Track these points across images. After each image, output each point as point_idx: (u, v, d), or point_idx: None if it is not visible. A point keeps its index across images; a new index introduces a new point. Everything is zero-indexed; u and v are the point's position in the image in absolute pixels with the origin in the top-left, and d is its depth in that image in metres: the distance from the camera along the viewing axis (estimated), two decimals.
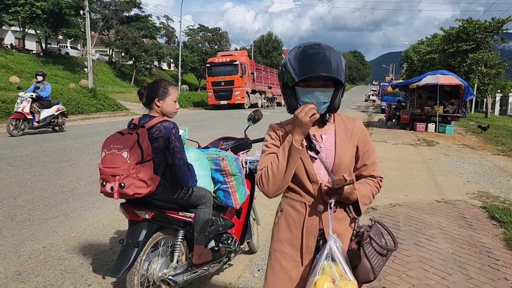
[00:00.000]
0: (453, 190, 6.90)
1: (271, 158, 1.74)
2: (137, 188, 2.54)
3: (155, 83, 2.88)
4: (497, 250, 4.23)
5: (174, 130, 2.71)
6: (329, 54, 1.67)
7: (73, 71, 39.56)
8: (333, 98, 1.73)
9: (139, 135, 2.58)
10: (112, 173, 2.51)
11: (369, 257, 1.77)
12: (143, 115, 2.85)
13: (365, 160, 1.85)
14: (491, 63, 26.28)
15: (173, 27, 60.65)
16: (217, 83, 29.83)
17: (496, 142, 13.99)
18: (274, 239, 1.86)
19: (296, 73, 1.65)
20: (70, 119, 17.48)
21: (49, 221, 4.75)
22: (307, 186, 1.75)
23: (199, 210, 2.99)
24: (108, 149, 2.58)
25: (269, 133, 1.83)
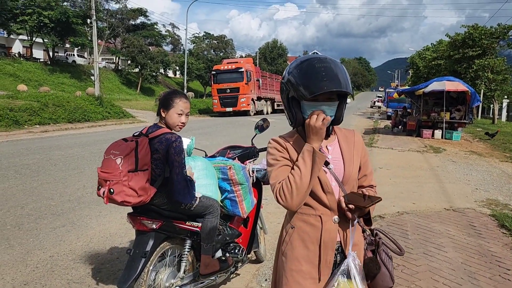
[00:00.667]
0: (462, 197, 6.83)
1: (286, 170, 1.72)
2: (126, 196, 2.52)
3: (166, 93, 2.89)
4: (508, 259, 4.17)
5: (175, 143, 2.64)
6: (336, 68, 1.67)
7: (80, 79, 39.86)
8: (337, 110, 1.74)
9: (138, 144, 2.58)
10: (104, 177, 2.51)
11: (386, 264, 1.83)
12: (153, 124, 2.85)
13: (365, 170, 1.87)
14: (498, 69, 26.16)
15: (178, 34, 61.04)
16: (222, 90, 29.93)
17: (504, 149, 13.87)
18: (288, 258, 1.78)
19: (306, 89, 1.64)
20: (76, 127, 17.61)
21: (56, 230, 4.76)
22: (321, 197, 1.73)
23: (206, 220, 2.97)
24: (107, 154, 2.59)
25: (274, 147, 1.79)
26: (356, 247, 1.77)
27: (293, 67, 1.73)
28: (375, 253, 1.88)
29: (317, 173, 1.66)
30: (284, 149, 1.77)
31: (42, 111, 17.44)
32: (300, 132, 1.81)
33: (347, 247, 1.73)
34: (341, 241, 1.77)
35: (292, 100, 1.72)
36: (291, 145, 1.77)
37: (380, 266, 1.81)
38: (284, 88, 1.75)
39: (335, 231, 1.74)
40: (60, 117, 18.08)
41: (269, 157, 1.80)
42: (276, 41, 73.63)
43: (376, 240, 1.92)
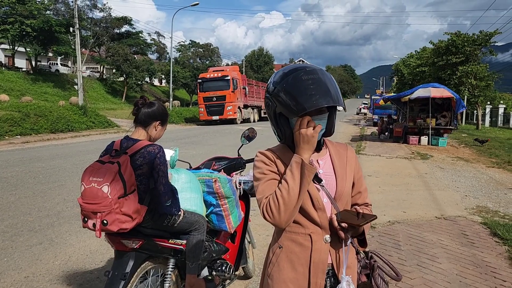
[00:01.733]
0: (452, 205, 6.75)
1: (273, 185, 1.59)
2: (121, 224, 2.32)
3: (161, 105, 2.70)
4: (503, 270, 4.06)
5: (159, 154, 2.49)
6: (325, 79, 1.54)
7: (64, 88, 39.29)
8: (328, 122, 1.62)
9: (120, 165, 2.34)
10: (93, 209, 2.28)
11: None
12: (125, 137, 2.63)
13: (359, 187, 1.75)
14: (481, 75, 26.55)
15: (164, 43, 60.56)
16: (209, 98, 29.76)
17: (490, 154, 13.95)
18: (275, 281, 1.64)
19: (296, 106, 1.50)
20: (59, 137, 17.24)
21: (32, 247, 4.50)
22: (311, 214, 1.58)
23: (192, 236, 2.79)
24: (87, 182, 2.33)
25: (261, 160, 1.66)
26: (349, 270, 1.63)
27: (279, 80, 1.59)
28: (369, 278, 1.76)
29: (307, 187, 1.52)
30: (272, 162, 1.64)
31: (23, 122, 17.03)
32: (289, 145, 1.68)
33: (340, 270, 1.59)
34: (332, 263, 1.63)
35: (280, 116, 1.59)
36: (280, 158, 1.64)
37: None
38: (270, 103, 1.60)
39: (326, 252, 1.60)
40: (42, 127, 17.68)
41: (255, 171, 1.67)
42: (262, 49, 73.91)
43: (371, 263, 1.78)
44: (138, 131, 2.64)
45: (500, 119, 35.81)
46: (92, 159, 10.46)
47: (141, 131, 2.63)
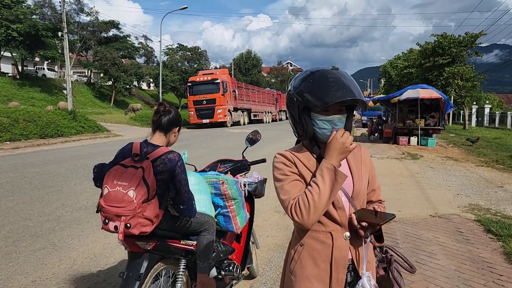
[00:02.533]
0: (445, 203, 6.91)
1: (298, 185, 1.67)
2: (142, 227, 2.39)
3: (177, 112, 2.80)
4: (499, 265, 4.20)
5: (180, 162, 2.56)
6: (349, 79, 1.66)
7: (51, 93, 38.90)
8: (347, 123, 1.72)
9: (145, 170, 2.41)
10: (117, 213, 2.34)
11: (398, 282, 1.81)
12: (144, 142, 2.69)
13: (373, 185, 1.84)
14: (467, 76, 27.02)
15: (152, 46, 60.50)
16: (199, 101, 29.74)
17: (478, 154, 14.22)
18: (298, 277, 1.71)
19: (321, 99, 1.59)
20: (49, 142, 17.10)
21: (36, 252, 4.52)
22: (332, 213, 1.66)
23: (202, 237, 2.86)
24: (111, 186, 2.39)
25: (281, 161, 1.72)
26: (369, 265, 1.71)
27: (305, 77, 1.68)
28: (387, 271, 1.85)
29: (336, 192, 1.61)
30: (292, 163, 1.71)
31: (12, 127, 16.87)
32: (306, 146, 1.76)
33: (361, 265, 1.67)
34: (352, 258, 1.71)
35: (303, 111, 1.67)
36: (299, 159, 1.72)
37: (393, 284, 1.78)
38: (294, 99, 1.68)
39: (346, 248, 1.68)
40: (32, 132, 17.52)
41: (276, 172, 1.73)
42: (250, 51, 74.00)
43: (387, 257, 1.88)
44: (158, 137, 2.69)
45: (486, 119, 36.42)
46: (86, 164, 10.45)
47: (162, 137, 2.70)
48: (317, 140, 1.72)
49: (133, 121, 30.39)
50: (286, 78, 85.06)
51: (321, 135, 1.69)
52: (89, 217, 5.81)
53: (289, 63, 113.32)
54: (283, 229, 5.50)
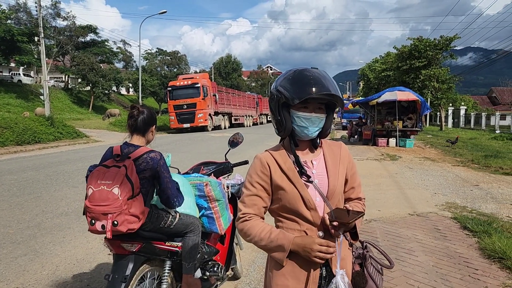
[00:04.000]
0: (423, 202, 7.09)
1: (256, 201, 1.75)
2: (129, 224, 2.43)
3: (150, 109, 2.83)
4: (475, 259, 4.35)
5: (162, 161, 2.64)
6: (327, 77, 1.71)
7: (27, 99, 38.16)
8: (326, 123, 1.76)
9: (127, 168, 2.45)
10: (103, 211, 2.37)
11: (373, 278, 1.82)
12: (124, 143, 2.73)
13: (353, 183, 1.86)
14: (443, 78, 27.70)
15: (130, 51, 59.92)
16: (179, 106, 29.60)
17: (454, 154, 14.59)
18: (274, 274, 1.75)
19: (298, 93, 1.65)
20: (27, 149, 16.78)
21: (17, 259, 4.46)
22: (304, 214, 1.70)
23: (188, 238, 2.89)
24: (95, 186, 2.42)
25: (255, 168, 1.77)
26: (343, 262, 1.74)
27: (286, 74, 1.75)
28: (362, 267, 1.87)
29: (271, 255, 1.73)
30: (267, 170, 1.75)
31: None
32: (286, 145, 1.80)
33: (334, 263, 1.69)
34: None
35: (283, 108, 1.71)
36: (276, 161, 1.75)
37: (367, 280, 1.79)
38: (275, 96, 1.73)
39: None
40: (8, 139, 17.15)
41: (247, 176, 1.79)
42: (230, 56, 74.06)
43: (363, 253, 1.91)
44: (137, 138, 2.74)
45: (462, 120, 37.34)
46: (65, 170, 10.31)
47: (141, 139, 2.75)
48: (295, 138, 1.76)
49: (113, 127, 30.04)
50: (267, 82, 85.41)
51: (299, 133, 1.73)
52: (70, 223, 5.76)
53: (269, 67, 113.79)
54: None
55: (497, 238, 4.69)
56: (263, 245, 1.70)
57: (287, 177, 1.71)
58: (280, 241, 1.65)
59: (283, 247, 1.64)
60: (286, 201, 1.72)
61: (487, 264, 4.21)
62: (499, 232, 5.01)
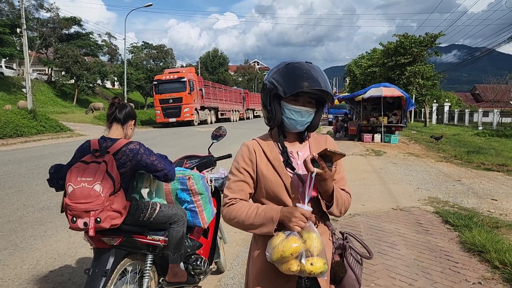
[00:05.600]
0: (406, 197, 7.17)
1: (242, 187, 1.75)
2: (112, 220, 2.41)
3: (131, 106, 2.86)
4: (455, 253, 4.42)
5: (142, 149, 2.63)
6: (321, 72, 1.73)
7: (9, 91, 37.43)
8: (315, 117, 1.78)
9: (107, 164, 2.43)
10: (85, 208, 2.33)
11: (352, 267, 1.83)
12: (102, 138, 2.69)
13: (335, 175, 1.82)
14: (427, 75, 28.00)
15: (116, 44, 59.22)
16: (165, 100, 29.36)
17: (438, 150, 14.79)
18: (255, 262, 1.78)
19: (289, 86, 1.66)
20: (8, 142, 16.47)
21: None
22: (287, 202, 1.72)
23: (172, 229, 2.88)
24: (76, 183, 2.38)
25: (242, 155, 1.79)
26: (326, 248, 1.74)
27: (280, 66, 1.76)
28: (342, 257, 1.88)
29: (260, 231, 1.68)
30: (254, 157, 1.76)
31: None
32: (274, 135, 1.82)
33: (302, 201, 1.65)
34: None
35: (274, 99, 1.73)
36: (262, 149, 1.77)
37: (347, 270, 1.80)
38: (267, 86, 1.75)
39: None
40: None
41: (234, 163, 1.81)
42: (216, 50, 73.71)
43: (343, 244, 1.92)
44: (116, 129, 2.72)
45: (445, 117, 37.87)
46: (47, 164, 10.12)
47: (119, 130, 2.73)
48: (283, 129, 1.78)
49: (97, 120, 29.65)
50: (253, 77, 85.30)
51: (288, 125, 1.75)
52: (52, 217, 5.67)
53: (256, 62, 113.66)
54: None
55: (477, 232, 4.78)
56: (250, 223, 1.68)
57: (272, 166, 1.74)
58: (269, 213, 1.65)
59: (271, 219, 1.64)
60: (269, 189, 1.74)
61: (467, 258, 4.28)
62: (479, 226, 5.10)
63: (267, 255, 1.60)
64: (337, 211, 1.76)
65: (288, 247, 1.54)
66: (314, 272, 1.56)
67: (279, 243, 1.56)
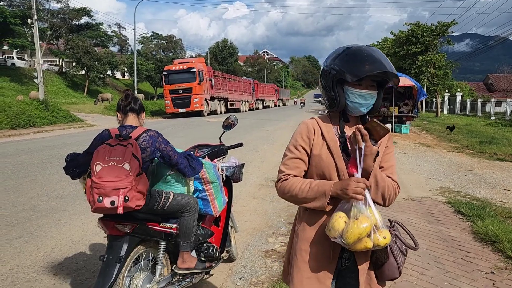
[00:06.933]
0: (417, 187, 7.13)
1: (298, 164, 1.80)
2: (137, 201, 2.48)
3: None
4: (467, 243, 4.40)
5: (160, 137, 2.72)
6: (381, 53, 1.75)
7: (21, 82, 37.80)
8: (377, 100, 1.79)
9: (133, 146, 2.50)
10: (114, 186, 2.38)
11: (395, 255, 1.82)
12: (121, 126, 2.74)
13: (383, 162, 1.83)
14: (439, 64, 27.64)
15: (125, 35, 59.34)
16: (175, 91, 29.39)
17: (449, 140, 14.65)
18: (299, 239, 1.82)
19: (356, 70, 1.67)
20: (21, 133, 16.67)
21: (13, 241, 4.46)
22: None
23: (183, 218, 2.91)
24: (104, 162, 2.44)
25: (300, 132, 1.83)
26: None
27: (339, 53, 1.77)
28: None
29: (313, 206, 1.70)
30: (312, 136, 1.80)
31: None
32: (332, 117, 1.86)
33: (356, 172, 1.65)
34: None
35: (337, 84, 1.75)
36: (320, 128, 1.81)
37: (389, 256, 1.80)
38: (329, 72, 1.77)
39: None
40: (2, 123, 17.02)
41: (292, 139, 1.85)
42: (226, 40, 73.57)
43: (390, 231, 1.91)
44: (132, 119, 2.81)
45: (457, 107, 37.37)
46: (60, 153, 10.24)
47: (135, 119, 2.81)
48: (346, 114, 1.81)
49: (108, 111, 29.83)
50: (263, 67, 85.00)
51: (351, 109, 1.77)
52: (66, 206, 5.75)
53: (266, 52, 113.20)
54: (261, 214, 5.59)
55: (490, 222, 4.74)
56: (303, 197, 1.71)
57: (327, 146, 1.77)
58: (321, 188, 1.68)
59: (324, 193, 1.66)
60: (320, 169, 1.77)
61: (479, 247, 4.26)
62: (492, 216, 5.06)
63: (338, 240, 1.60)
64: (379, 196, 1.73)
65: (364, 229, 1.56)
66: (386, 244, 1.61)
67: (350, 227, 1.57)
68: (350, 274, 1.79)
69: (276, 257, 4.13)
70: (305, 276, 1.77)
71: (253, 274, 3.77)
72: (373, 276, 1.82)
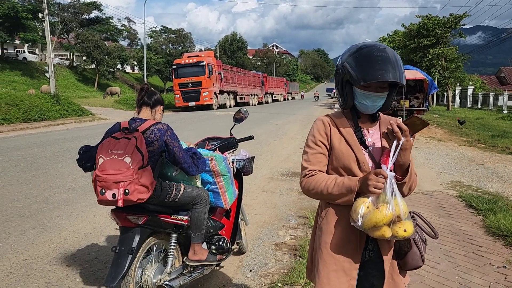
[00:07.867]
0: (428, 181, 7.08)
1: (320, 159, 1.81)
2: (139, 194, 2.48)
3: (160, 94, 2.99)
4: (479, 237, 4.37)
5: (169, 131, 2.73)
6: (395, 59, 1.70)
7: (32, 76, 38.14)
8: (387, 99, 1.79)
9: (137, 139, 2.51)
10: (115, 179, 2.41)
11: (418, 244, 1.84)
12: (132, 119, 2.77)
13: None
14: (451, 57, 27.28)
15: (135, 29, 59.44)
16: (184, 84, 29.45)
17: (461, 134, 14.51)
18: (323, 232, 1.82)
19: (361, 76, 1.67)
20: (33, 126, 16.86)
21: (26, 232, 4.53)
22: (358, 175, 1.75)
23: (194, 210, 2.93)
24: (106, 155, 2.47)
25: (317, 128, 1.85)
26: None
27: (353, 51, 1.75)
28: None
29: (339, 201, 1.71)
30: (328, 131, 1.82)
31: None
32: (346, 113, 1.87)
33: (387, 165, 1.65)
34: None
35: (346, 84, 1.76)
36: (336, 125, 1.83)
37: (412, 245, 1.82)
38: (340, 71, 1.78)
39: None
40: (14, 116, 17.23)
41: (309, 137, 1.87)
42: (235, 34, 73.32)
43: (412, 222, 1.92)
44: (144, 112, 2.84)
45: (469, 100, 36.98)
46: (72, 146, 10.36)
47: (148, 112, 2.85)
48: (357, 111, 1.82)
49: (118, 105, 30.03)
50: (272, 61, 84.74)
51: (360, 108, 1.80)
52: (78, 198, 5.82)
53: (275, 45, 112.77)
54: (270, 207, 5.60)
55: (502, 216, 4.70)
56: (328, 193, 1.72)
57: (345, 139, 1.79)
58: (347, 183, 1.69)
59: (350, 188, 1.67)
60: (341, 162, 1.78)
61: (491, 242, 4.23)
62: (504, 211, 5.01)
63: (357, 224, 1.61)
64: (407, 188, 1.77)
65: (382, 217, 1.56)
66: (406, 237, 1.62)
67: (370, 213, 1.58)
68: (373, 265, 1.80)
69: (286, 250, 4.15)
70: (331, 269, 1.77)
71: (263, 266, 3.78)
72: (396, 266, 1.83)
